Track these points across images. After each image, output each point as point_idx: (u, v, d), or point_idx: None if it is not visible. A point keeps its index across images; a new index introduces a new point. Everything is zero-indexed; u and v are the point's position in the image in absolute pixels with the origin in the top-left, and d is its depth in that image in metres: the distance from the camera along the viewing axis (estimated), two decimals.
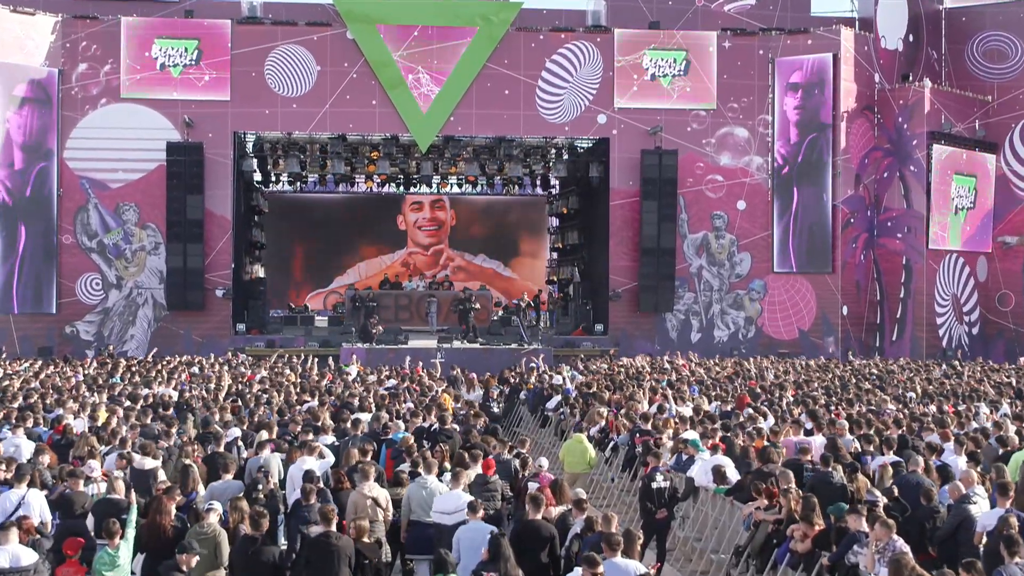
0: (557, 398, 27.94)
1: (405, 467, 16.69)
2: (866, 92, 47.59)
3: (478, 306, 43.38)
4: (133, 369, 32.14)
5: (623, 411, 23.72)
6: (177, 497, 14.12)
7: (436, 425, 20.55)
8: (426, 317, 45.71)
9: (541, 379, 31.26)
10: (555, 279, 54.64)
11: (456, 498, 14.73)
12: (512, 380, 32.60)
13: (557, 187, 54.27)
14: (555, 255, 55.73)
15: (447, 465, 16.53)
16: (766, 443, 18.89)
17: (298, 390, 26.80)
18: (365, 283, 52.64)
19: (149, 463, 16.36)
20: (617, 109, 45.25)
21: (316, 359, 36.18)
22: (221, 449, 17.68)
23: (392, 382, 29.40)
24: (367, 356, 38.31)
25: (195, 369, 32.77)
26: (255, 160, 46.66)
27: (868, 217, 47.78)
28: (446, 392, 27.11)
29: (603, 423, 23.54)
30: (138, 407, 22.31)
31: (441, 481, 15.54)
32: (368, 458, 16.85)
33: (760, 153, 46.42)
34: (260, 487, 15.04)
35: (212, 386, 27.33)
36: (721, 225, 46.37)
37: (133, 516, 13.09)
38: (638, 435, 21.23)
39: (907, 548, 12.31)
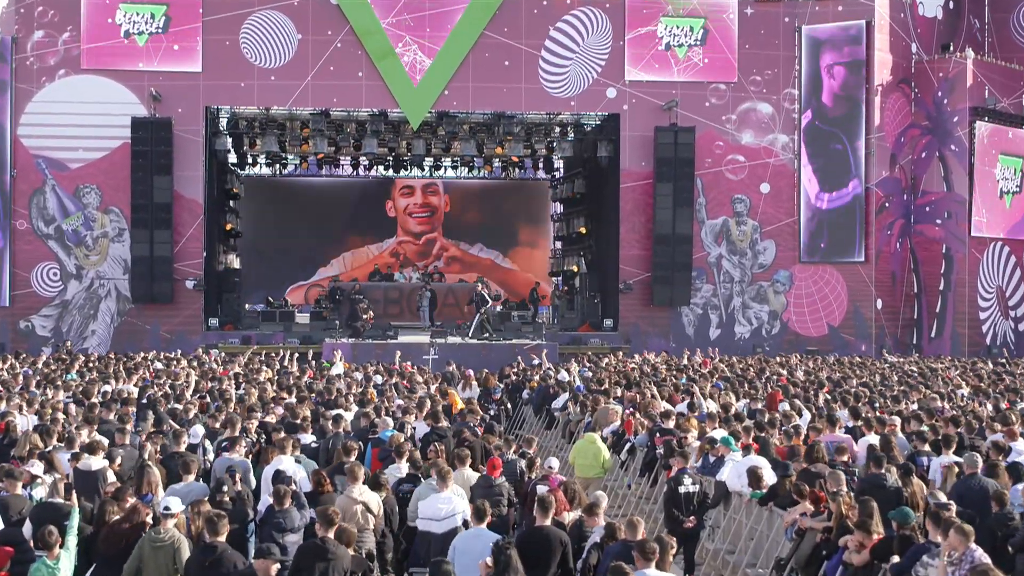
0: (564, 396, 27.20)
1: (393, 469, 15.84)
2: (902, 64, 47.01)
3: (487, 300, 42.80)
4: (91, 365, 31.26)
5: (640, 409, 22.65)
6: (130, 499, 13.16)
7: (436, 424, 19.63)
8: (417, 311, 45.04)
9: (546, 376, 30.39)
10: (559, 270, 54.16)
11: (445, 502, 13.84)
12: (513, 378, 31.76)
13: (561, 170, 53.80)
14: (559, 244, 55.29)
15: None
16: (801, 442, 18.13)
17: (275, 387, 25.90)
18: (351, 275, 52.26)
19: (96, 463, 15.50)
20: (628, 82, 44.56)
21: (295, 356, 35.24)
22: (182, 449, 16.79)
23: (379, 379, 28.54)
24: (353, 352, 37.70)
25: (159, 365, 31.72)
26: (229, 138, 45.98)
27: (904, 201, 47.25)
28: (439, 390, 26.02)
29: (617, 423, 22.62)
30: (93, 401, 21.41)
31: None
32: (353, 458, 16.00)
33: (785, 131, 45.75)
34: (226, 489, 14.18)
35: (179, 383, 26.31)
36: (742, 210, 45.76)
37: (75, 522, 12.23)
38: (658, 435, 20.37)
39: (987, 558, 11.22)
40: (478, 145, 46.57)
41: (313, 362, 34.57)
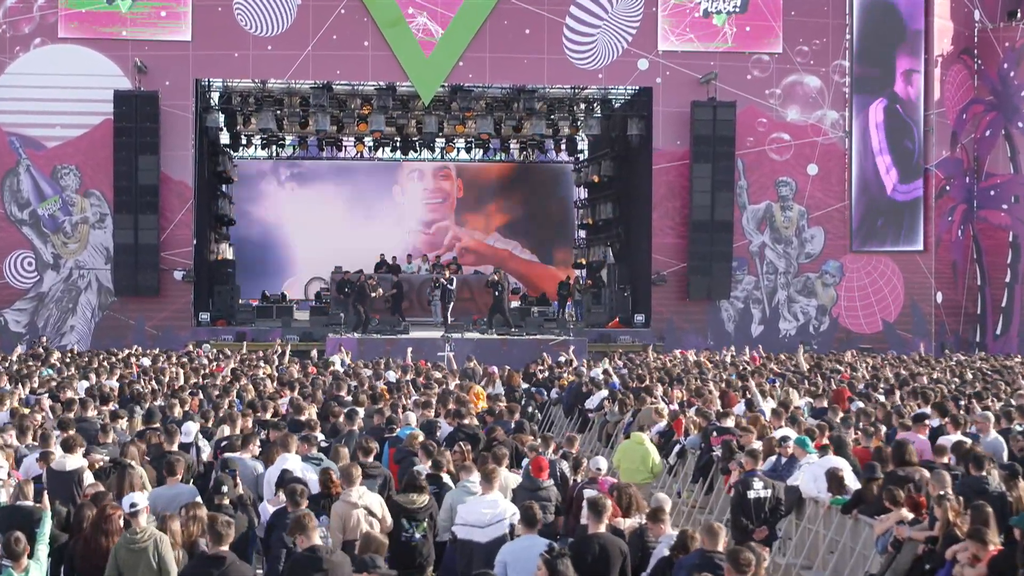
0: (600, 394, 26.50)
1: (422, 468, 14.94)
2: (964, 32, 46.33)
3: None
4: (68, 360, 30.74)
5: (692, 407, 21.82)
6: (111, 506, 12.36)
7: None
8: (428, 306, 44.35)
9: (578, 373, 29.72)
10: (583, 261, 53.60)
11: (490, 505, 12.93)
12: (539, 376, 31.04)
13: (586, 151, 53.38)
14: (583, 233, 54.72)
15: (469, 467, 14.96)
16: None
17: (275, 384, 25.38)
18: (354, 265, 50.85)
19: (72, 462, 14.72)
20: (661, 53, 43.84)
21: (284, 353, 34.38)
22: (174, 448, 16.06)
23: (392, 375, 27.90)
24: (359, 348, 37.18)
25: (146, 361, 31.06)
26: (221, 115, 45.20)
27: (967, 184, 46.62)
28: (460, 386, 25.40)
29: (664, 423, 21.70)
30: (70, 397, 20.69)
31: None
32: (371, 459, 15.35)
33: (835, 107, 45.02)
34: (225, 490, 13.28)
35: (166, 378, 25.65)
36: (788, 194, 45.07)
37: (46, 528, 11.72)
38: (714, 435, 19.58)
39: None
40: (495, 123, 46.05)
41: (314, 355, 33.60)
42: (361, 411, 20.00)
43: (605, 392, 26.41)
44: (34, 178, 42.13)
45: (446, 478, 14.82)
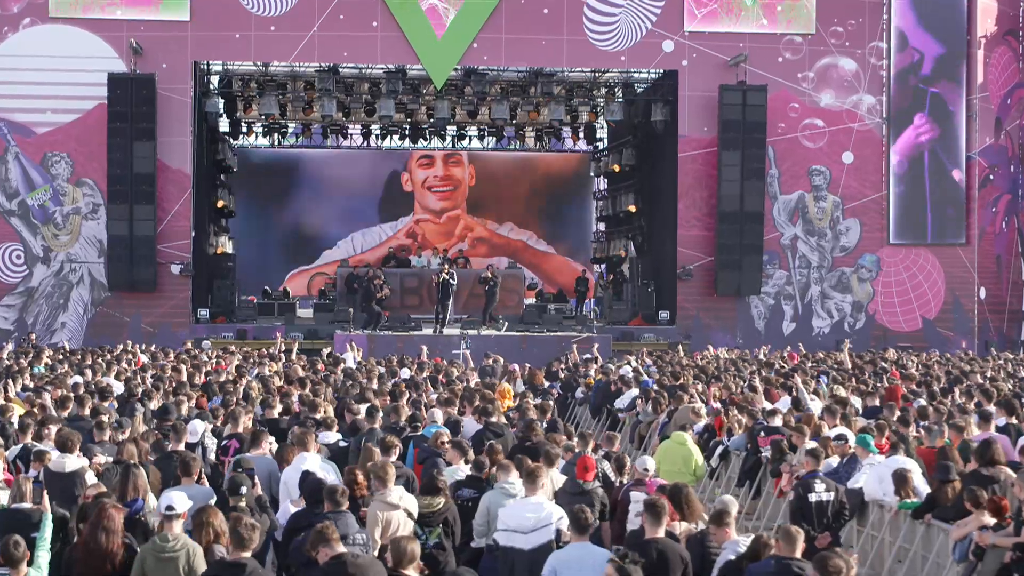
0: (631, 393, 26.16)
1: (453, 470, 14.64)
2: (1009, 12, 45.69)
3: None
4: (61, 358, 30.48)
5: (735, 405, 21.41)
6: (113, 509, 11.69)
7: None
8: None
9: (605, 371, 29.34)
10: (603, 256, 53.37)
11: (535, 509, 12.33)
12: (563, 374, 30.60)
13: (605, 140, 53.19)
14: (602, 226, 54.47)
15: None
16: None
17: (282, 381, 24.81)
18: (362, 259, 51.19)
19: (72, 462, 14.25)
20: (688, 34, 43.47)
21: (297, 350, 34.10)
22: (181, 447, 15.65)
23: (407, 372, 27.55)
24: (370, 346, 37.03)
25: (144, 358, 30.93)
26: (221, 100, 44.88)
27: (1012, 173, 45.90)
28: (485, 383, 25.14)
29: (703, 423, 21.14)
30: (66, 394, 20.23)
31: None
32: (393, 457, 14.84)
33: (872, 91, 44.54)
34: (243, 491, 12.76)
35: (167, 375, 25.27)
36: (822, 183, 44.57)
37: (47, 532, 11.20)
38: (762, 435, 19.12)
39: None
40: (511, 108, 45.71)
41: (324, 354, 33.21)
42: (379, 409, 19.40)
43: (636, 391, 26.01)
44: (23, 166, 41.81)
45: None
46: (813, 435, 17.83)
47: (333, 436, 17.23)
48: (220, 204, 48.40)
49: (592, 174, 55.31)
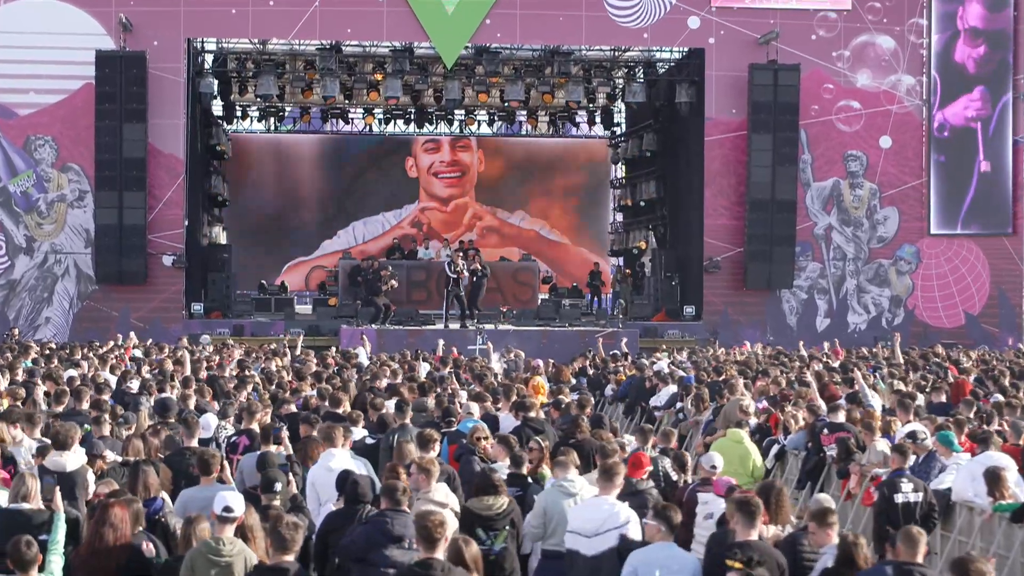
0: (668, 390, 25.65)
1: (498, 466, 13.97)
2: None
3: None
4: (47, 353, 29.86)
5: (787, 401, 20.96)
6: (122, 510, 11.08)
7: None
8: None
9: (639, 367, 28.87)
10: (621, 248, 53.24)
11: (603, 511, 11.69)
12: (590, 371, 30.33)
13: (623, 125, 53.11)
14: (620, 216, 54.36)
15: (546, 468, 14.49)
16: None
17: (291, 376, 24.41)
18: (364, 250, 50.91)
19: (71, 460, 13.55)
20: (715, 10, 43.12)
21: (302, 346, 33.67)
22: (194, 443, 15.02)
23: (426, 367, 27.16)
24: (379, 341, 36.85)
25: (137, 352, 30.56)
26: (215, 81, 44.76)
27: None
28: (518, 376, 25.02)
29: (753, 421, 20.50)
30: (62, 388, 19.77)
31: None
32: (432, 453, 14.18)
33: (911, 71, 44.24)
34: (278, 489, 12.17)
35: (170, 369, 24.68)
36: (858, 169, 44.24)
37: (60, 534, 10.77)
38: (825, 432, 18.51)
39: None
40: (526, 88, 45.54)
41: (334, 349, 32.87)
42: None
43: (673, 387, 25.55)
44: (4, 150, 41.62)
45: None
46: (884, 432, 17.24)
47: (359, 432, 16.66)
48: (214, 192, 48.06)
49: (610, 161, 55.19)
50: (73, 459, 13.45)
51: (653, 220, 49.38)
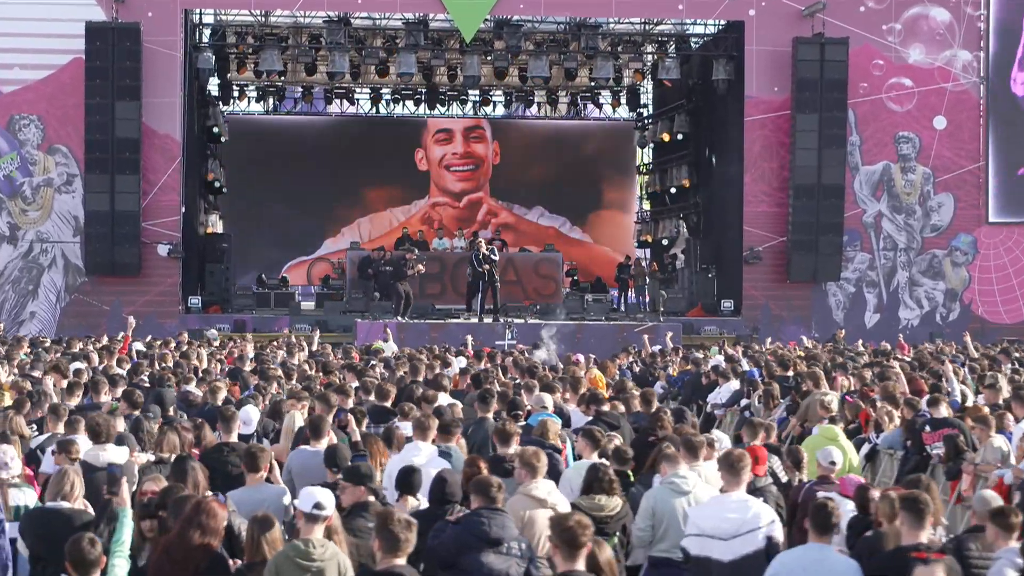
0: (730, 386, 24.82)
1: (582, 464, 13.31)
2: None
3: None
4: (45, 347, 29.14)
5: (881, 397, 19.96)
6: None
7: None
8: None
9: (695, 361, 28.41)
10: (648, 239, 53.21)
11: (739, 508, 10.92)
12: (636, 367, 29.98)
13: (650, 106, 53.25)
14: (647, 205, 54.54)
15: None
16: None
17: (314, 371, 23.86)
18: (371, 246, 49.78)
19: (110, 453, 12.95)
20: None
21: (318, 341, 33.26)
22: (233, 438, 14.41)
23: (462, 361, 26.33)
24: (399, 335, 35.87)
25: (140, 346, 29.72)
26: (213, 55, 44.43)
27: None
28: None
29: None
30: (73, 380, 18.99)
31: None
32: (511, 449, 13.53)
33: (968, 45, 44.12)
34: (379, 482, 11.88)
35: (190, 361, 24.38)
36: (910, 152, 44.01)
37: (126, 532, 10.21)
38: (927, 429, 17.70)
39: None
40: (551, 65, 45.24)
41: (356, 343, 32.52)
42: (444, 398, 18.46)
43: (735, 383, 24.70)
44: None
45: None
46: (999, 428, 16.55)
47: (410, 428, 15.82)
48: (210, 177, 47.77)
49: (636, 145, 55.11)
50: (115, 453, 12.85)
51: (685, 208, 49.27)
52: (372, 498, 11.00)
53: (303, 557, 9.28)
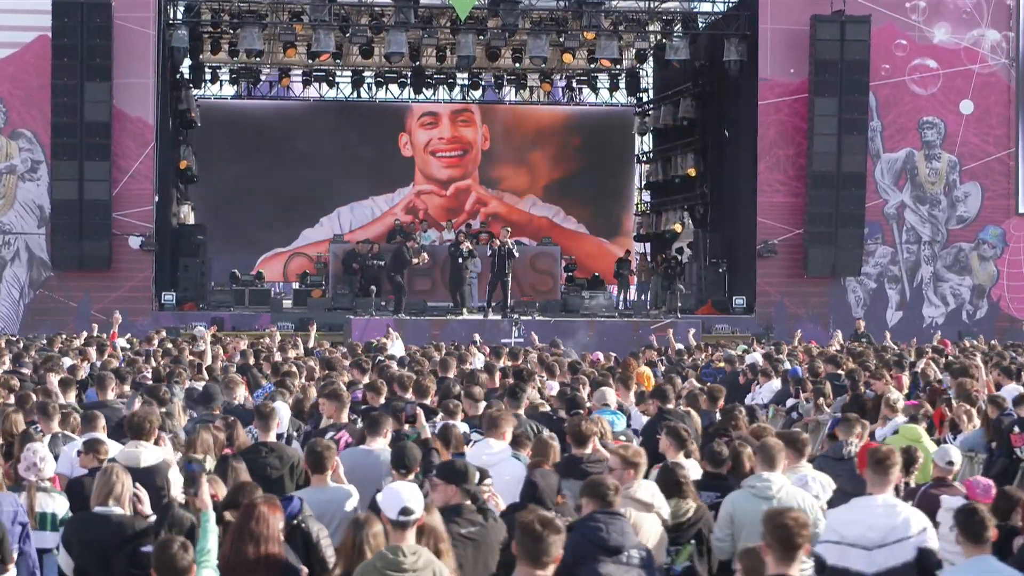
0: (771, 385, 24.31)
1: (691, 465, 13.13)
2: None
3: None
4: (17, 349, 28.61)
5: (957, 395, 19.65)
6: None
7: None
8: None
9: (730, 360, 28.05)
10: (649, 232, 53.11)
11: (887, 514, 10.50)
12: (661, 365, 29.07)
13: (651, 91, 53.41)
14: (647, 195, 54.62)
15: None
16: None
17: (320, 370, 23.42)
18: (354, 239, 49.53)
19: (151, 453, 12.34)
20: None
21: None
22: (271, 438, 14.09)
23: (481, 359, 26.36)
24: (398, 333, 35.45)
25: (121, 342, 29.87)
26: (187, 33, 43.84)
27: None
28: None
29: (901, 419, 19.09)
30: (68, 377, 19.08)
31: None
32: (589, 449, 13.33)
33: (997, 24, 43.85)
34: (490, 482, 11.36)
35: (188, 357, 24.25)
36: (935, 138, 43.79)
37: (211, 540, 9.48)
38: (1016, 430, 17.29)
39: None
40: (550, 45, 45.08)
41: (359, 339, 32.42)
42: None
43: (776, 382, 24.26)
44: None
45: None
46: None
47: (461, 426, 15.37)
48: (183, 165, 47.35)
49: (636, 132, 55.04)
50: (153, 452, 12.26)
51: (690, 199, 48.98)
52: (468, 501, 10.37)
53: (392, 567, 8.76)
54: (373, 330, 35.40)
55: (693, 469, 13.07)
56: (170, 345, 29.48)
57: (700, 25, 45.73)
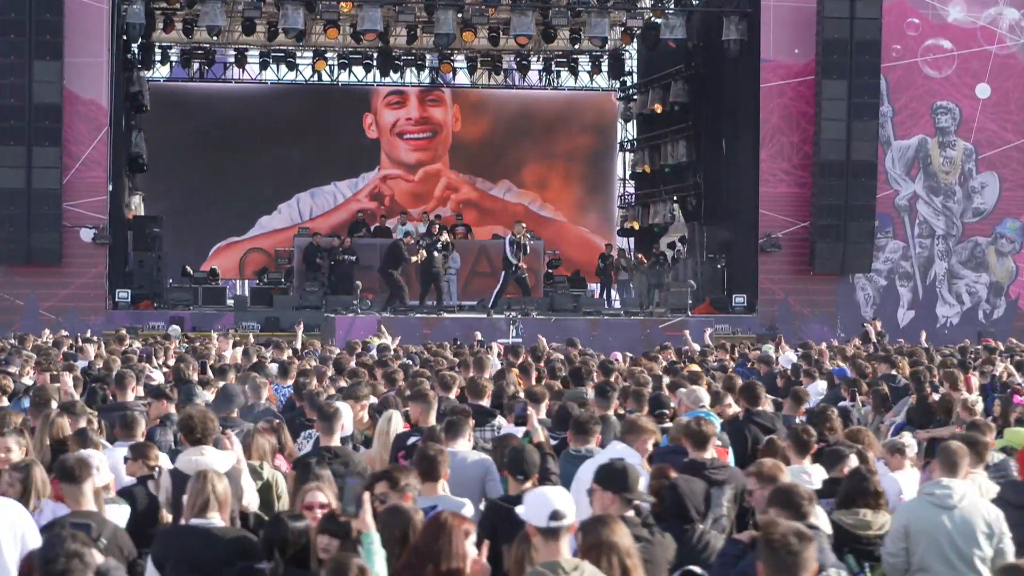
0: (815, 387, 23.72)
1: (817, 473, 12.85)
2: None
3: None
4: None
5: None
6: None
7: None
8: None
9: (766, 360, 27.64)
10: (634, 225, 52.82)
11: None
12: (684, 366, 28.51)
13: (635, 75, 53.67)
14: (632, 184, 54.67)
15: None
16: None
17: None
18: (312, 229, 49.44)
19: (220, 459, 11.79)
20: None
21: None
22: (334, 442, 13.64)
23: (497, 361, 26.04)
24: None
25: (90, 348, 28.54)
26: (143, 8, 43.20)
27: None
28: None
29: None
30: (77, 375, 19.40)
31: None
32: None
33: (1015, 3, 43.96)
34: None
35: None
36: (949, 125, 43.79)
37: (379, 561, 8.78)
38: None
39: None
40: (536, 22, 44.89)
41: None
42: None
43: (820, 383, 23.94)
44: None
45: None
46: None
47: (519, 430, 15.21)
48: (134, 152, 47.13)
49: (619, 118, 55.09)
50: (219, 458, 11.60)
51: (682, 190, 48.91)
52: (631, 512, 9.73)
53: None
54: (360, 329, 35.31)
55: (816, 475, 12.76)
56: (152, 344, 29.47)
57: (695, 2, 45.67)
